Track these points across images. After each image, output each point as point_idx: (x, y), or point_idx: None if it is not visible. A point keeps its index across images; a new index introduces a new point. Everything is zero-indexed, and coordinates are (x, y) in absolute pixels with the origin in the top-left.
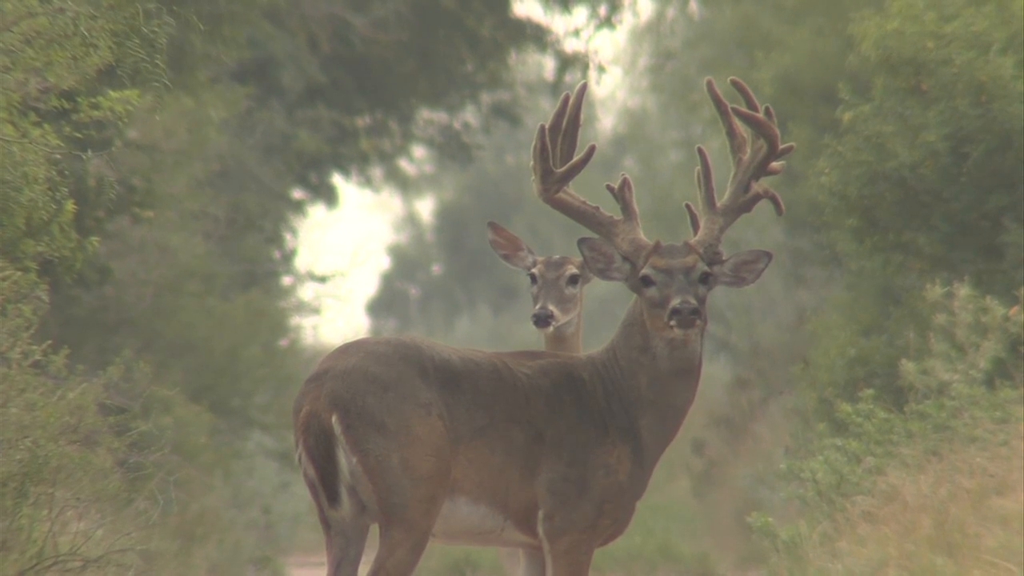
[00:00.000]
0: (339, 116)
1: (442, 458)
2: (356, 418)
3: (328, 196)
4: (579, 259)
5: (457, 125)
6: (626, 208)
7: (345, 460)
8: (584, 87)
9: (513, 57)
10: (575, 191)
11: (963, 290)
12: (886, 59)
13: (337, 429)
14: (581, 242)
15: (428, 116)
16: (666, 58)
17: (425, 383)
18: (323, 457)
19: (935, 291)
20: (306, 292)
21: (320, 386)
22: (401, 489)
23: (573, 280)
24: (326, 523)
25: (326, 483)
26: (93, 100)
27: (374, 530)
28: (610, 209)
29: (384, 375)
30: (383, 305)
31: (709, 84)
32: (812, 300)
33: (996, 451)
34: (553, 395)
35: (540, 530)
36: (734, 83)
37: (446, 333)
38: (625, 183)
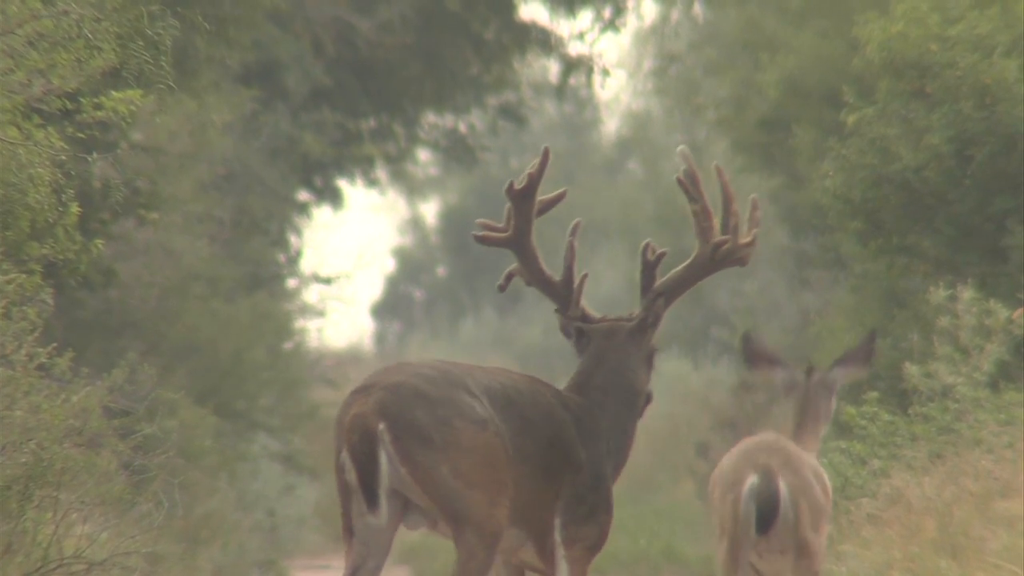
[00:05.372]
0: (344, 119)
1: (498, 469)
2: (404, 430)
3: (333, 198)
4: None
5: (463, 128)
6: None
7: (389, 466)
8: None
9: (518, 61)
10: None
11: (967, 293)
12: (890, 62)
13: (385, 438)
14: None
15: (433, 120)
16: (670, 61)
17: (479, 403)
18: (366, 458)
19: (939, 294)
20: (311, 295)
21: (367, 396)
22: (458, 495)
23: None
24: (349, 531)
25: (366, 486)
26: (96, 100)
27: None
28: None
29: (433, 393)
30: (388, 308)
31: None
32: (816, 303)
33: (1000, 454)
34: (575, 424)
35: (557, 536)
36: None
37: (450, 336)
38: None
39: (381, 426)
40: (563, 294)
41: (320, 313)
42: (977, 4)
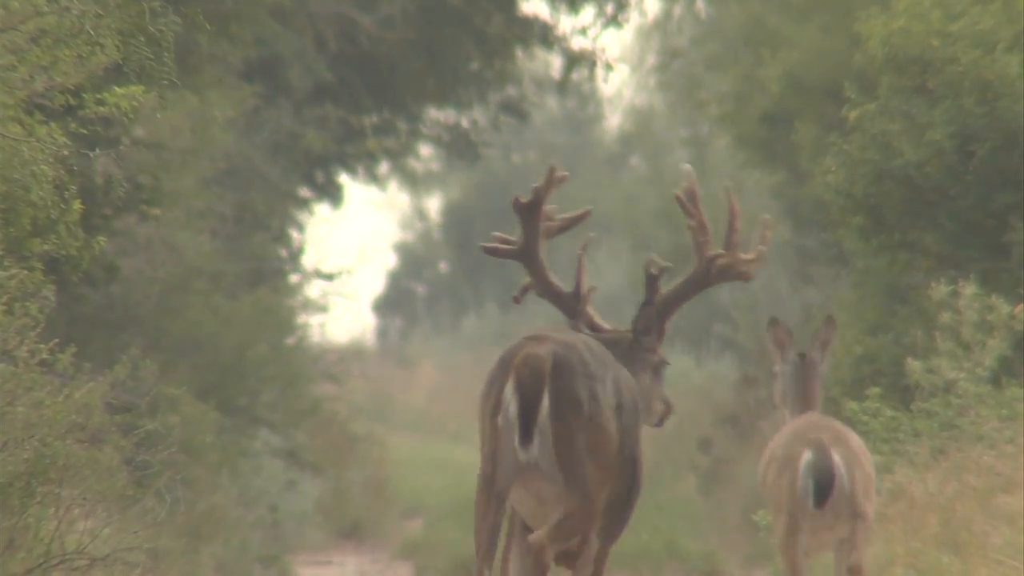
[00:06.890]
0: (346, 114)
1: (612, 456)
2: (563, 389)
3: (335, 194)
4: None
5: (465, 123)
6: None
7: (548, 402)
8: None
9: (520, 55)
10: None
11: (969, 288)
12: (892, 57)
13: (549, 376)
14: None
15: (435, 115)
16: (673, 56)
17: (614, 391)
18: (533, 393)
19: (941, 289)
20: (313, 290)
21: (541, 344)
22: (582, 463)
23: None
24: (491, 483)
25: (526, 420)
26: (98, 96)
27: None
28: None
29: (592, 365)
30: (390, 303)
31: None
32: (819, 299)
33: (1002, 449)
34: None
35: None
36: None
37: (453, 331)
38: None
39: (549, 364)
40: (572, 304)
41: (322, 308)
42: (979, 0)
